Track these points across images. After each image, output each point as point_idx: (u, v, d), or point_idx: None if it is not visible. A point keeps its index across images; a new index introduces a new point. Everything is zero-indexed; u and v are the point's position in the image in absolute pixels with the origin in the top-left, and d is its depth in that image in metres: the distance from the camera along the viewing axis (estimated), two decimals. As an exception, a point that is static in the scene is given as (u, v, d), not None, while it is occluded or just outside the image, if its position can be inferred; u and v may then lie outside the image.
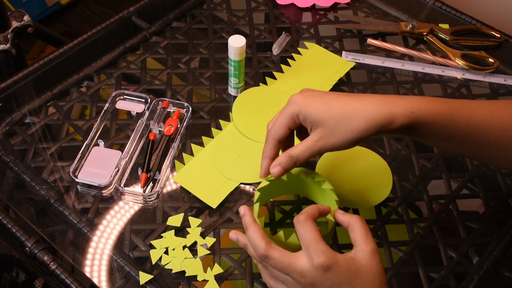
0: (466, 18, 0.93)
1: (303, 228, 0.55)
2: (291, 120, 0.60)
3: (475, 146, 0.59)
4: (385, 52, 0.90)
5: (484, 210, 0.72)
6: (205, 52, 0.88)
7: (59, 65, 0.84)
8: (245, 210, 0.60)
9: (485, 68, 0.86)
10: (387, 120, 0.55)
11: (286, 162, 0.60)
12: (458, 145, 0.59)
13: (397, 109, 0.56)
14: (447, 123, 0.57)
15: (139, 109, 0.79)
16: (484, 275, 0.65)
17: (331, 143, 0.57)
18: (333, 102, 0.57)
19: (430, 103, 0.57)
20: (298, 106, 0.58)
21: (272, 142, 0.61)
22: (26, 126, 0.78)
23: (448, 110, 0.57)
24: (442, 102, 0.58)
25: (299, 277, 0.54)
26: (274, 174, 0.61)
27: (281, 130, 0.60)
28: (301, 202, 0.71)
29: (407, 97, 0.57)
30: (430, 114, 0.56)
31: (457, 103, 0.58)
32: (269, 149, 0.62)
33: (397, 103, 0.56)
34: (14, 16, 1.08)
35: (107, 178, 0.71)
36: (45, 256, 0.64)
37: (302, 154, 0.59)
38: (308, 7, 0.96)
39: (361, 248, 0.55)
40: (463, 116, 0.57)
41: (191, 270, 0.64)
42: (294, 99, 0.59)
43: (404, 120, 0.56)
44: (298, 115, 0.59)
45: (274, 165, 0.61)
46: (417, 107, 0.56)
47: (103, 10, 2.03)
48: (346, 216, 0.58)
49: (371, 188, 0.71)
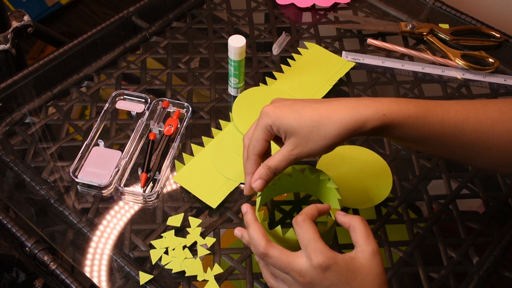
0: (466, 18, 0.93)
1: (302, 229, 0.55)
2: (266, 133, 0.60)
3: (450, 148, 0.59)
4: (385, 52, 0.90)
5: (484, 210, 0.72)
6: (205, 52, 0.88)
7: (59, 65, 0.84)
8: (247, 208, 0.60)
9: (485, 68, 0.86)
10: (359, 123, 0.55)
11: (266, 174, 0.60)
12: (433, 146, 0.59)
13: (368, 112, 0.56)
14: (420, 125, 0.56)
15: (139, 109, 0.79)
16: (484, 275, 0.65)
17: (306, 150, 0.58)
18: (304, 110, 0.57)
19: (402, 105, 0.56)
20: (270, 118, 0.59)
21: (253, 158, 0.61)
22: (26, 126, 0.78)
23: (421, 111, 0.56)
24: (415, 103, 0.57)
25: (298, 276, 0.54)
26: (256, 188, 0.61)
27: (259, 144, 0.61)
28: (301, 202, 0.71)
29: (379, 99, 0.57)
30: (402, 116, 0.56)
31: (431, 104, 0.58)
32: (250, 165, 0.62)
33: (368, 106, 0.56)
34: (14, 16, 1.08)
35: (107, 178, 0.71)
36: (45, 256, 0.64)
37: (279, 164, 0.59)
38: (308, 7, 0.96)
39: (362, 249, 0.55)
40: (437, 117, 0.57)
41: (191, 270, 0.64)
42: (265, 111, 0.60)
43: (376, 123, 0.55)
44: (272, 126, 0.59)
45: (254, 179, 0.61)
46: (389, 109, 0.56)
47: (103, 10, 2.03)
48: (347, 217, 0.57)
49: (371, 188, 0.71)
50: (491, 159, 0.59)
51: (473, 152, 0.59)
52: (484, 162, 0.60)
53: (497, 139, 0.57)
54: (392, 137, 0.58)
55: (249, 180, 0.62)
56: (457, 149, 0.59)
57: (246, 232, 0.60)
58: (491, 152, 0.58)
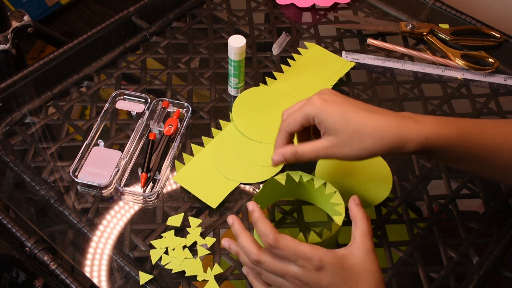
0: (466, 18, 0.93)
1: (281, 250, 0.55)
2: (305, 120, 0.60)
3: (487, 168, 0.60)
4: (385, 52, 0.90)
5: (484, 210, 0.72)
6: (205, 52, 0.88)
7: (59, 65, 0.84)
8: (232, 220, 0.60)
9: (485, 68, 0.86)
10: (400, 144, 0.56)
11: (290, 155, 0.61)
12: (468, 166, 0.60)
13: (411, 134, 0.56)
14: (460, 147, 0.57)
15: (139, 109, 0.79)
16: (484, 275, 0.65)
17: (341, 153, 0.58)
18: (351, 114, 0.57)
19: (443, 127, 0.57)
20: (316, 110, 0.59)
21: (284, 133, 0.62)
22: (26, 126, 0.78)
23: (462, 135, 0.57)
24: (457, 126, 0.57)
25: (293, 279, 0.55)
26: (274, 160, 0.62)
27: (295, 125, 0.61)
28: (301, 203, 0.71)
29: (421, 119, 0.57)
30: (444, 139, 0.56)
31: (471, 126, 0.58)
32: (280, 139, 0.63)
33: (411, 127, 0.56)
34: (14, 16, 1.08)
35: (107, 178, 0.71)
36: (45, 256, 0.64)
37: (308, 154, 0.60)
38: (308, 7, 0.96)
39: (357, 246, 0.56)
40: (477, 140, 0.58)
41: (191, 270, 0.64)
42: (313, 101, 0.59)
43: (417, 146, 0.56)
44: (314, 118, 0.59)
45: (278, 152, 0.62)
46: (431, 133, 0.56)
47: (103, 10, 2.03)
48: (356, 209, 0.59)
49: (371, 188, 0.71)
50: None
51: (506, 172, 0.60)
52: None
53: None
54: (429, 156, 0.59)
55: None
56: (493, 170, 0.60)
57: (234, 243, 0.61)
58: None
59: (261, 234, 0.57)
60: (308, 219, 0.69)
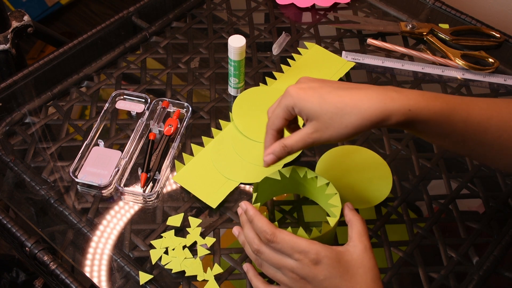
0: (466, 18, 0.93)
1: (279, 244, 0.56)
2: (287, 112, 0.60)
3: (472, 145, 0.59)
4: (385, 52, 0.90)
5: (484, 210, 0.72)
6: (205, 52, 0.88)
7: (59, 65, 0.84)
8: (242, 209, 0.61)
9: (485, 68, 0.86)
10: (383, 116, 0.55)
11: (280, 151, 0.60)
12: (454, 143, 0.59)
13: (394, 106, 0.55)
14: (445, 122, 0.56)
15: (139, 109, 0.79)
16: (484, 275, 0.65)
17: (325, 136, 0.57)
18: (329, 96, 0.57)
19: (429, 100, 0.55)
20: (293, 99, 0.58)
21: (271, 133, 0.62)
22: (26, 126, 0.78)
23: (447, 108, 0.56)
24: (442, 100, 0.56)
25: (290, 273, 0.56)
26: (266, 161, 0.61)
27: (278, 121, 0.61)
28: (301, 202, 0.71)
29: (405, 92, 0.56)
30: (428, 112, 0.55)
31: (456, 101, 0.57)
32: (268, 139, 0.62)
33: (394, 99, 0.55)
34: (14, 16, 1.08)
35: (107, 178, 0.71)
36: (45, 256, 0.64)
37: (296, 144, 0.59)
38: (308, 7, 0.96)
39: (354, 244, 0.57)
40: (462, 115, 0.56)
41: (191, 270, 0.64)
42: (289, 91, 0.59)
43: (401, 117, 0.55)
44: (294, 107, 0.59)
45: (267, 153, 0.61)
46: (415, 105, 0.55)
47: (103, 10, 2.03)
48: (350, 212, 0.60)
49: (371, 188, 0.71)
50: (510, 159, 0.59)
51: (493, 150, 0.59)
52: (503, 161, 0.60)
53: None
54: (413, 131, 0.58)
55: None
56: (478, 147, 0.59)
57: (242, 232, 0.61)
58: (510, 152, 0.58)
59: (258, 230, 0.57)
60: (308, 219, 0.70)
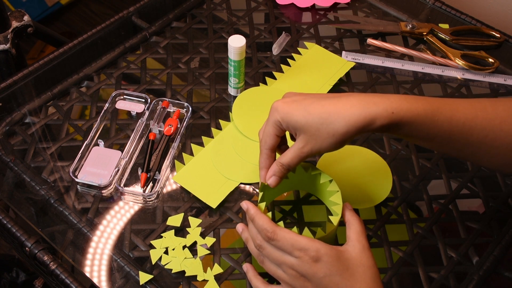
0: (466, 18, 0.93)
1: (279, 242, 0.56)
2: (276, 128, 0.60)
3: (458, 146, 0.59)
4: (385, 52, 0.90)
5: (484, 210, 0.72)
6: (205, 52, 0.88)
7: (59, 65, 0.84)
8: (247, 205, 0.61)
9: (485, 68, 0.86)
10: (367, 121, 0.55)
11: (280, 171, 0.61)
12: (440, 144, 0.59)
13: (377, 110, 0.55)
14: (429, 123, 0.56)
15: (139, 109, 0.79)
16: (484, 275, 0.65)
17: (316, 148, 0.58)
18: (312, 107, 0.57)
19: (411, 102, 0.56)
20: (279, 114, 0.59)
21: (265, 153, 0.62)
22: (26, 126, 0.78)
23: (430, 109, 0.56)
24: (424, 101, 0.57)
25: (290, 270, 0.56)
26: (271, 184, 0.62)
27: (270, 139, 0.61)
28: (301, 202, 0.71)
29: (387, 96, 0.57)
30: (411, 114, 0.55)
31: (440, 102, 0.57)
32: (263, 160, 0.63)
33: (377, 103, 0.56)
34: (14, 16, 1.08)
35: (107, 178, 0.71)
36: (45, 256, 0.64)
37: (292, 161, 0.60)
38: (308, 7, 0.96)
39: (352, 243, 0.57)
40: (446, 115, 0.57)
41: (191, 270, 0.64)
42: (275, 106, 0.60)
43: (384, 121, 0.55)
44: (281, 122, 0.59)
45: (269, 176, 0.62)
46: (398, 107, 0.55)
47: (103, 10, 2.03)
48: (349, 213, 0.61)
49: (371, 188, 0.71)
50: (499, 158, 0.59)
51: (481, 150, 0.59)
52: (491, 161, 0.60)
53: (505, 138, 0.58)
54: (399, 134, 0.58)
55: (263, 174, 0.63)
56: (465, 147, 0.59)
57: (247, 230, 0.62)
58: (498, 151, 0.58)
59: (260, 229, 0.58)
60: (308, 219, 0.70)
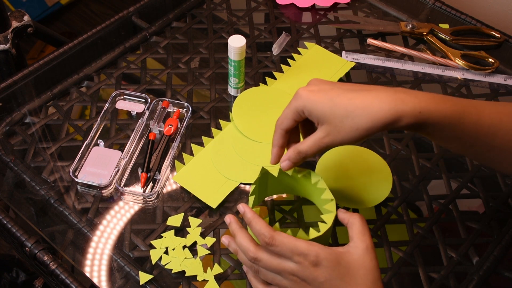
0: (466, 18, 0.93)
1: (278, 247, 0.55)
2: (296, 114, 0.59)
3: (481, 149, 0.59)
4: (385, 52, 0.90)
5: (484, 210, 0.72)
6: (205, 52, 0.88)
7: (59, 65, 0.84)
8: (230, 219, 0.60)
9: (485, 68, 0.86)
10: (393, 119, 0.54)
11: (295, 158, 0.60)
12: (464, 146, 0.59)
13: (405, 108, 0.54)
14: (455, 125, 0.56)
15: (139, 109, 0.79)
16: (484, 275, 0.65)
17: (338, 140, 0.57)
18: (339, 98, 0.56)
19: (439, 103, 0.55)
20: (303, 102, 0.58)
21: (279, 132, 0.62)
22: (26, 126, 0.78)
23: (457, 111, 0.55)
24: (452, 103, 0.56)
25: (290, 276, 0.55)
26: (283, 167, 0.62)
27: (287, 121, 0.61)
28: (301, 202, 0.71)
29: (415, 94, 0.55)
30: (438, 115, 0.55)
31: (467, 104, 0.57)
32: (276, 138, 0.62)
33: (405, 101, 0.54)
34: (14, 16, 1.08)
35: (107, 178, 0.71)
36: (45, 256, 0.64)
37: (310, 149, 0.59)
38: (308, 7, 0.96)
39: (355, 244, 0.56)
40: (472, 118, 0.56)
41: (191, 270, 0.64)
42: (300, 93, 0.59)
43: (411, 120, 0.54)
44: (304, 110, 0.58)
45: (283, 159, 0.61)
46: (426, 107, 0.54)
47: (103, 10, 2.03)
48: (347, 214, 0.59)
49: (371, 188, 0.71)
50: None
51: (502, 155, 0.59)
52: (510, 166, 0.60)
53: None
54: (424, 133, 0.57)
55: (275, 151, 0.62)
56: (488, 151, 0.59)
57: (233, 241, 0.61)
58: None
59: (257, 233, 0.57)
60: (308, 219, 0.70)
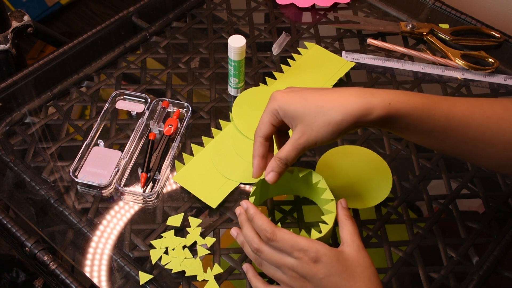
0: (466, 18, 0.93)
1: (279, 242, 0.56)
2: (272, 117, 0.60)
3: (454, 142, 0.58)
4: (385, 52, 0.90)
5: (484, 210, 0.72)
6: (205, 52, 0.88)
7: (59, 65, 0.84)
8: (240, 210, 0.62)
9: (485, 68, 0.86)
10: (364, 110, 0.55)
11: (278, 166, 0.60)
12: (437, 140, 0.59)
13: (374, 100, 0.55)
14: (426, 117, 0.56)
15: (139, 109, 0.79)
16: (484, 275, 0.65)
17: (313, 138, 0.57)
18: (310, 96, 0.57)
19: (409, 96, 0.56)
20: (277, 102, 0.59)
21: (259, 140, 0.62)
22: (26, 126, 0.78)
23: (427, 103, 0.56)
24: (422, 96, 0.57)
25: (290, 271, 0.56)
26: (270, 180, 0.61)
27: (265, 127, 0.61)
28: (301, 202, 0.71)
29: (385, 90, 0.57)
30: (408, 106, 0.55)
31: (437, 98, 0.58)
32: (256, 148, 0.62)
33: (374, 94, 0.56)
34: (14, 16, 1.08)
35: (107, 178, 0.71)
36: (45, 256, 0.64)
37: (289, 154, 0.59)
38: (308, 7, 0.96)
39: (348, 244, 0.58)
40: (443, 110, 0.56)
41: (191, 270, 0.64)
42: (274, 95, 0.60)
43: (382, 111, 0.55)
44: (278, 111, 0.59)
45: (267, 172, 0.61)
46: (395, 99, 0.55)
47: (103, 10, 2.03)
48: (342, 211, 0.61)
49: (371, 188, 0.71)
50: (496, 157, 0.59)
51: (477, 148, 0.58)
52: (488, 160, 0.60)
53: (502, 136, 0.57)
54: (396, 129, 0.58)
55: (256, 162, 0.62)
56: (461, 144, 0.58)
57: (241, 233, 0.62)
58: (495, 149, 0.58)
59: (259, 229, 0.58)
60: (308, 219, 0.70)
